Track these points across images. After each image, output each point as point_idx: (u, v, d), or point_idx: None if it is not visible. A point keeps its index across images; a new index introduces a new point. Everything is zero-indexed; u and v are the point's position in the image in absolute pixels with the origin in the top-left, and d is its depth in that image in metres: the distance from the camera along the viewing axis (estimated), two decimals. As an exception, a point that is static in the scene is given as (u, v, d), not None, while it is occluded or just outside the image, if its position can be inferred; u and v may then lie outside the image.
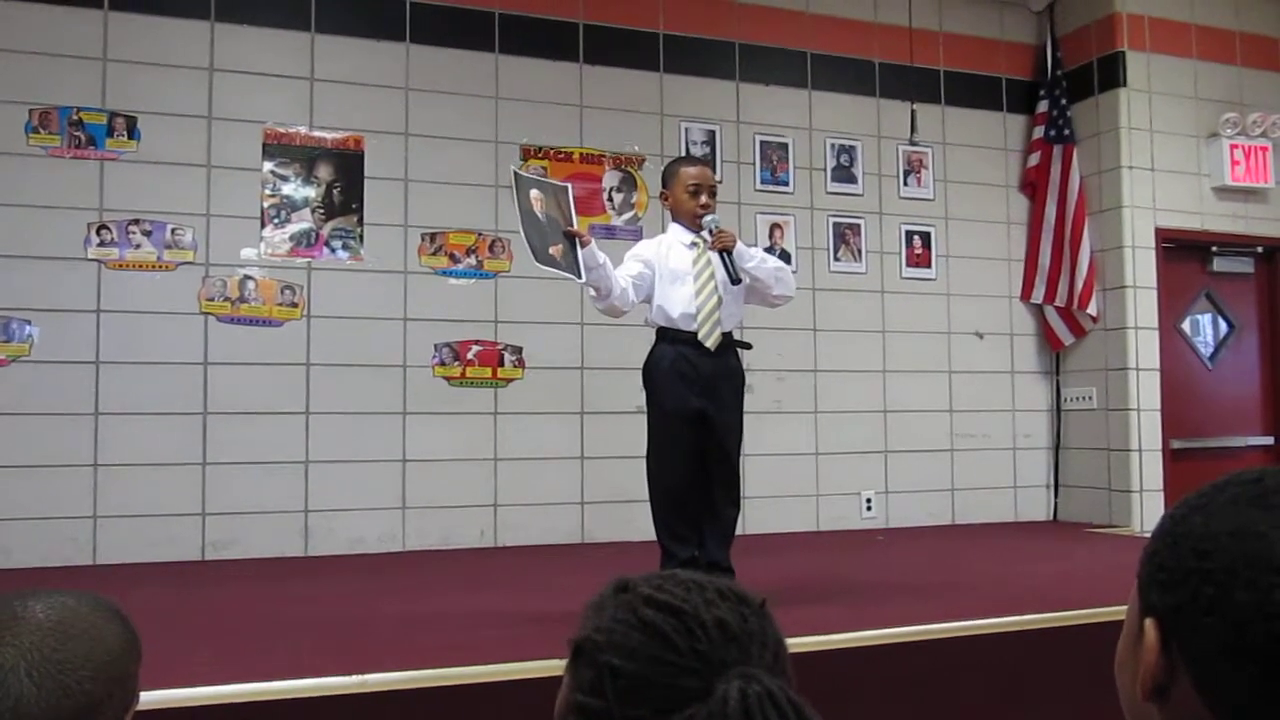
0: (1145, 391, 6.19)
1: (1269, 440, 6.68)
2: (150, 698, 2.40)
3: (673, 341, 3.66)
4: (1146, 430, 6.17)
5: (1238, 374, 6.69)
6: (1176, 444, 6.32)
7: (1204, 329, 6.66)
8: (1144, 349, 6.22)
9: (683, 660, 0.82)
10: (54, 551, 4.67)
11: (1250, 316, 6.75)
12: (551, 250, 3.45)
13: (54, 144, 4.85)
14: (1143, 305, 6.24)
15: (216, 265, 5.06)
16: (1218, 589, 0.76)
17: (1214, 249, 6.57)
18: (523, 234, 3.46)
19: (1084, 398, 6.47)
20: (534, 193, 3.51)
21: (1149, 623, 0.82)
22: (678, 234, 3.80)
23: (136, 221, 4.94)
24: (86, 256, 4.86)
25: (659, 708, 0.81)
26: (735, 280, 3.63)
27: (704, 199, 3.72)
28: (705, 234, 3.70)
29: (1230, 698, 0.76)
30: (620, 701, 0.83)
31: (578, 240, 3.51)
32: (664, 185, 3.88)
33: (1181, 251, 6.48)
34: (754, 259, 3.72)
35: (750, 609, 0.88)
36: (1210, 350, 6.64)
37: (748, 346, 3.81)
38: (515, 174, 3.63)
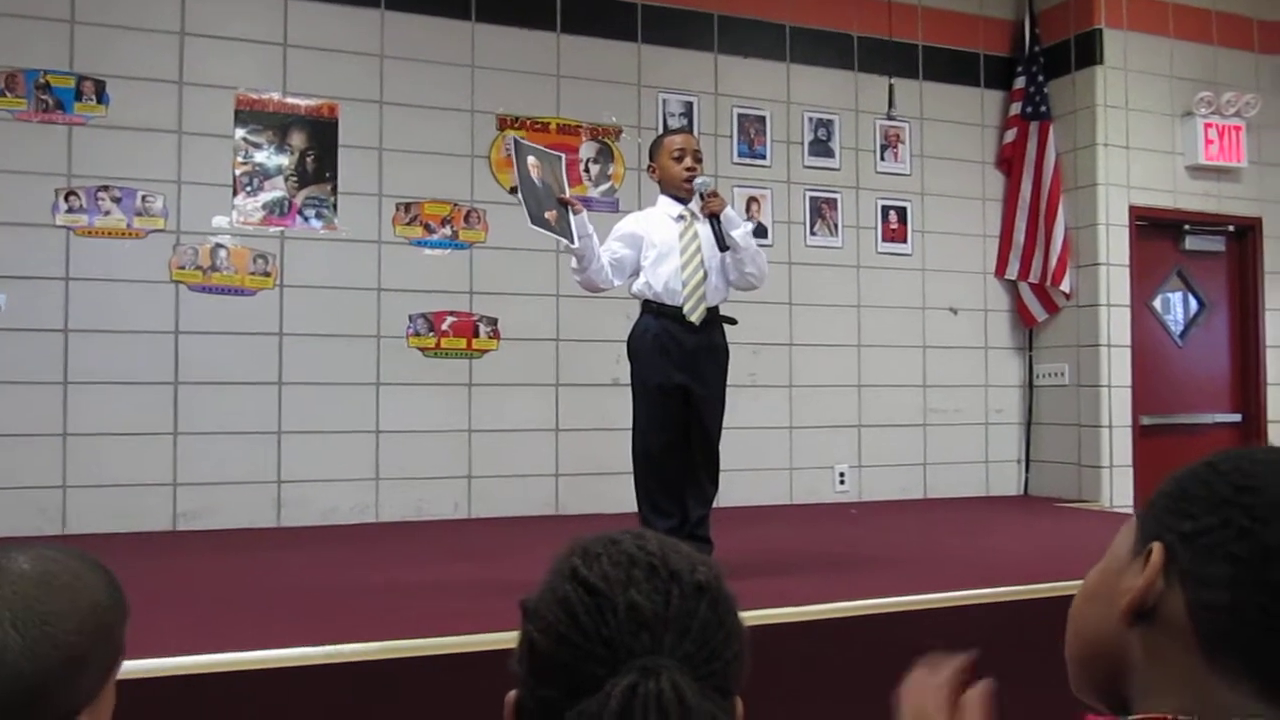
0: (1116, 368, 6.24)
1: (1237, 417, 6.76)
2: (121, 668, 2.38)
3: (657, 315, 3.67)
4: (1117, 406, 6.23)
5: (1207, 352, 6.76)
6: (1146, 420, 6.38)
7: (1175, 307, 6.72)
8: (1116, 326, 6.27)
9: (587, 645, 0.77)
10: (22, 521, 4.63)
11: (1221, 295, 6.81)
12: (547, 215, 3.55)
13: (20, 108, 4.76)
14: (1115, 282, 6.28)
15: (188, 233, 5.01)
16: (1254, 522, 0.81)
17: (1186, 227, 6.62)
18: (520, 197, 3.58)
19: (1056, 374, 6.51)
20: (531, 159, 3.61)
21: (1157, 545, 0.86)
22: (665, 206, 3.79)
23: (106, 188, 4.87)
24: (55, 223, 4.79)
25: (568, 690, 0.77)
26: (723, 247, 3.63)
27: (689, 161, 3.73)
28: (696, 197, 3.70)
29: (1225, 623, 0.80)
30: (534, 677, 0.80)
31: (570, 207, 3.58)
32: (651, 159, 3.88)
33: (1154, 229, 6.52)
34: (741, 227, 3.73)
35: (682, 590, 0.81)
36: (1181, 328, 6.70)
37: (733, 321, 3.81)
38: (515, 140, 3.77)
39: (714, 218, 3.64)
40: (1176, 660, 0.83)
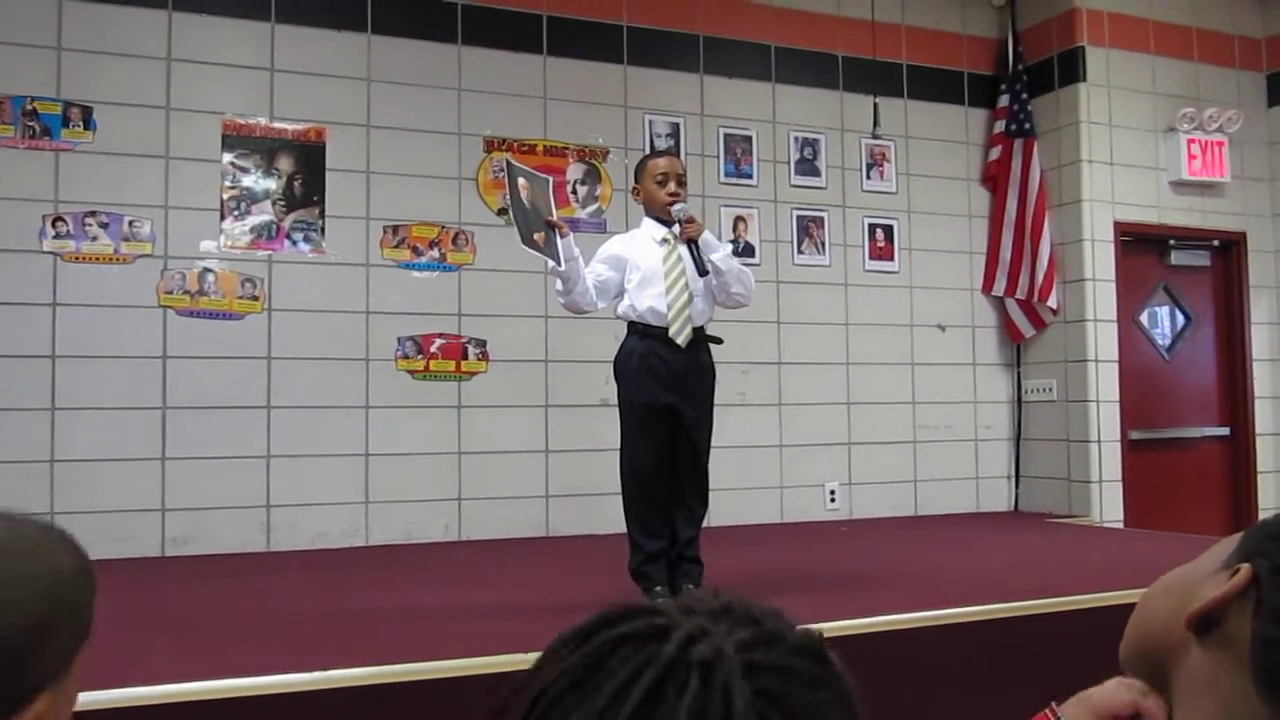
0: (1104, 383, 6.27)
1: (1225, 431, 6.79)
2: (110, 695, 2.37)
3: (643, 336, 3.66)
4: (1105, 421, 6.25)
5: (1194, 366, 6.79)
6: (1135, 435, 6.40)
7: (1162, 321, 6.75)
8: (1103, 341, 6.29)
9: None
10: (10, 548, 4.59)
11: (1207, 309, 6.85)
12: (535, 236, 3.55)
13: (7, 134, 4.76)
14: (1102, 298, 6.31)
15: (175, 258, 5.00)
16: None
17: (1171, 242, 6.66)
18: (512, 216, 3.60)
19: (1044, 389, 6.53)
20: (521, 181, 3.63)
21: (1246, 566, 0.87)
22: (649, 229, 3.80)
23: (93, 213, 4.87)
24: (42, 249, 4.78)
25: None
26: (703, 271, 3.64)
27: (672, 186, 3.73)
28: (675, 224, 3.71)
29: None
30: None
31: (557, 230, 3.58)
32: (635, 181, 3.89)
33: (1140, 245, 6.56)
34: (720, 250, 3.73)
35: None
36: (1168, 342, 6.73)
37: (719, 341, 3.81)
38: (508, 162, 3.80)
39: (692, 243, 3.65)
40: (1226, 678, 0.85)
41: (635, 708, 0.58)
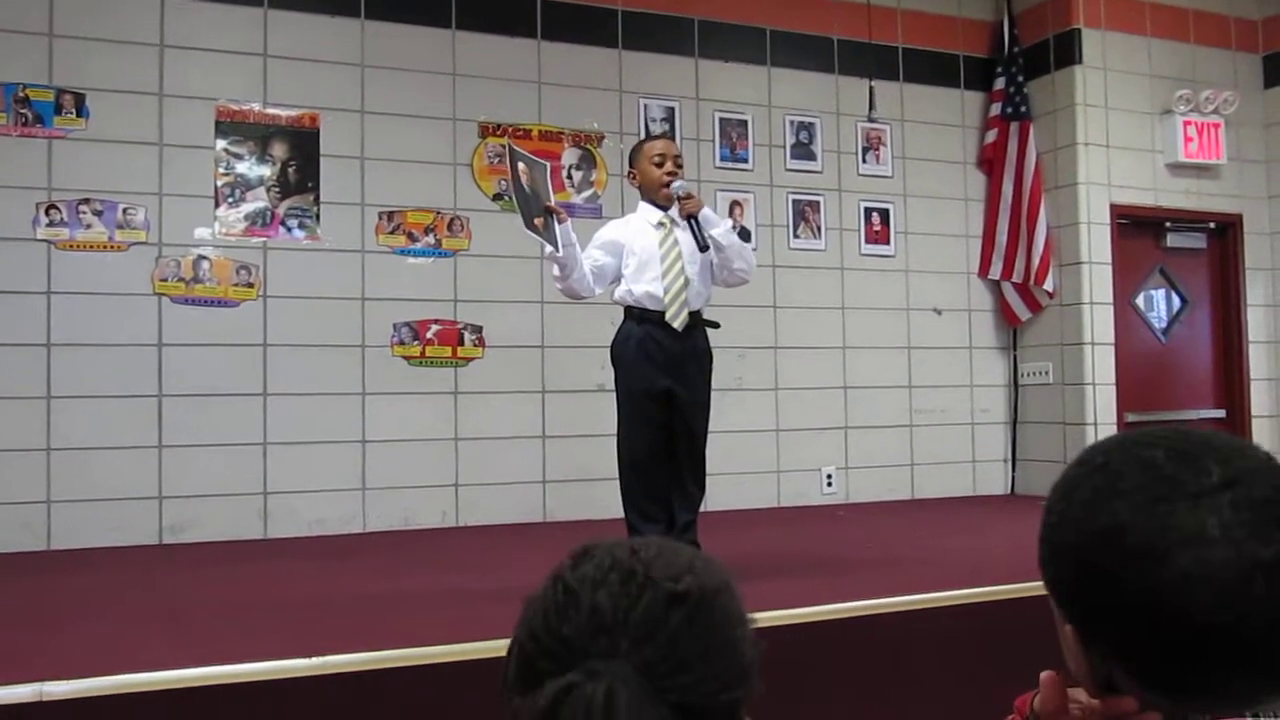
0: (1100, 366, 6.27)
1: (1221, 413, 6.79)
2: (108, 682, 2.37)
3: (640, 321, 3.66)
4: (1102, 404, 6.25)
5: (1190, 348, 6.80)
6: (1131, 417, 6.41)
7: (1158, 304, 6.75)
8: (1099, 324, 6.29)
9: (549, 642, 0.77)
10: (7, 537, 4.60)
11: (1203, 291, 6.85)
12: (535, 221, 3.57)
13: (0, 122, 4.74)
14: (1098, 281, 6.31)
15: (170, 245, 4.98)
16: (1105, 583, 0.80)
17: (1167, 225, 6.65)
18: (514, 200, 3.67)
19: (1040, 373, 6.54)
20: (521, 165, 3.64)
21: (1067, 630, 0.86)
22: (645, 213, 3.79)
23: (87, 201, 4.85)
24: (35, 237, 4.77)
25: (523, 687, 0.77)
26: (704, 247, 3.64)
27: (669, 166, 3.73)
28: (675, 202, 3.70)
29: (1148, 672, 0.81)
30: (511, 671, 0.81)
31: (555, 216, 3.58)
32: (630, 165, 3.89)
33: (1136, 227, 6.56)
34: (720, 226, 3.73)
35: (655, 596, 0.78)
36: (1164, 325, 6.74)
37: (715, 325, 3.81)
38: (509, 146, 3.87)
39: (692, 219, 3.64)
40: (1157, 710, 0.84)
41: None
